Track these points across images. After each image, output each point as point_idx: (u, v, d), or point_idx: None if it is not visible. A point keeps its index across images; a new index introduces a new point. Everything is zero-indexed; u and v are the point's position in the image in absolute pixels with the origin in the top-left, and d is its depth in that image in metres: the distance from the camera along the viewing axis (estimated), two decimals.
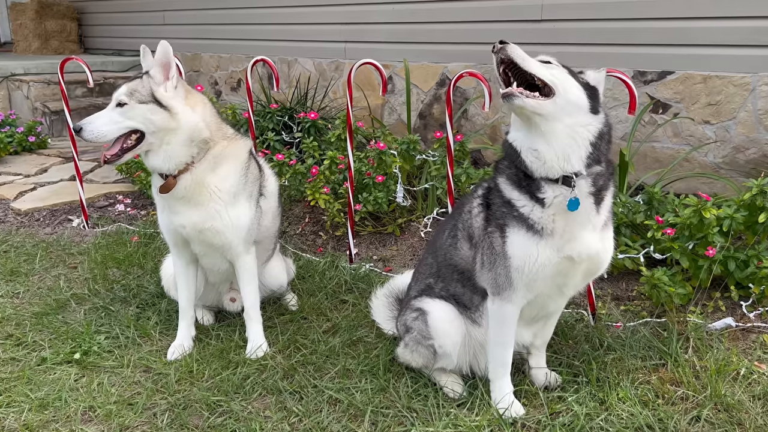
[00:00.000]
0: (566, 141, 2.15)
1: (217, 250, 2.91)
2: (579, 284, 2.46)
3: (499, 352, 2.45)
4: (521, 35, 5.23)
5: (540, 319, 2.55)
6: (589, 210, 2.22)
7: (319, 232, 4.32)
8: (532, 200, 2.24)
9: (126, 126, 2.66)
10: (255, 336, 2.99)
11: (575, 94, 2.17)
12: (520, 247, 2.27)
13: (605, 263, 2.37)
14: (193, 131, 2.71)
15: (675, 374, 2.59)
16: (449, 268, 2.61)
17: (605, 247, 2.33)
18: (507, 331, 2.41)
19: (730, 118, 4.24)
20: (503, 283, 2.34)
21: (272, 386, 2.67)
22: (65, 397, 2.64)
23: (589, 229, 2.25)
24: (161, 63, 2.69)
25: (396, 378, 2.69)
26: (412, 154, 4.21)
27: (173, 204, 2.78)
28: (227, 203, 2.80)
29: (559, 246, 2.24)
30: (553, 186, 2.19)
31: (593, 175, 2.19)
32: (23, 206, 4.91)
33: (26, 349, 3.03)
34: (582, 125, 2.17)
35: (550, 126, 2.14)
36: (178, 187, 2.72)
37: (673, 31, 4.40)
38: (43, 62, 8.03)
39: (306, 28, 6.91)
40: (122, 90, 2.68)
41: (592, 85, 2.27)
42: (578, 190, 2.17)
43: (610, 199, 2.30)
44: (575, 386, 2.57)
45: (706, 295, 3.14)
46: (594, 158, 2.18)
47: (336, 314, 3.29)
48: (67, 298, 3.52)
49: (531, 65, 2.14)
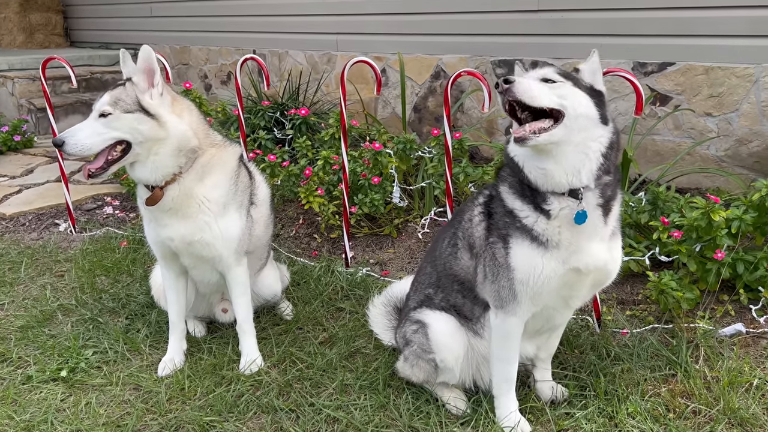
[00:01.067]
0: (577, 157, 2.05)
1: (207, 263, 2.79)
2: (586, 296, 2.35)
3: (502, 368, 2.34)
4: (517, 26, 5.11)
5: (545, 332, 2.45)
6: (596, 221, 2.11)
7: (314, 234, 4.20)
8: (536, 211, 2.13)
9: (111, 137, 2.52)
10: (249, 350, 2.88)
11: (584, 110, 2.05)
12: (524, 258, 2.16)
13: (613, 274, 2.27)
14: (181, 140, 2.58)
15: (686, 386, 2.50)
16: (449, 278, 2.50)
17: (613, 257, 2.23)
18: (511, 345, 2.31)
19: (732, 110, 4.14)
20: (506, 296, 2.23)
21: (267, 405, 2.57)
22: (51, 419, 2.53)
23: (596, 240, 2.15)
24: (144, 69, 2.55)
25: (396, 394, 2.59)
26: (408, 153, 4.09)
27: (160, 216, 2.66)
28: (216, 214, 2.68)
29: (565, 258, 2.13)
30: (559, 198, 2.08)
31: (602, 186, 2.09)
32: (8, 211, 4.77)
33: (11, 366, 2.92)
34: (593, 139, 2.06)
35: (560, 148, 2.04)
36: (165, 198, 2.59)
37: (674, 21, 4.29)
38: (28, 57, 7.85)
39: (297, 20, 6.75)
40: (104, 99, 2.53)
41: (597, 90, 2.16)
42: (586, 202, 2.07)
43: (618, 207, 2.20)
44: (583, 400, 2.47)
45: (714, 298, 3.04)
46: (604, 169, 2.08)
47: (332, 323, 3.18)
48: (54, 310, 3.40)
49: (541, 100, 2.01)
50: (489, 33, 5.32)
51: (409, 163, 4.18)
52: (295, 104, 5.46)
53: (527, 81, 2.02)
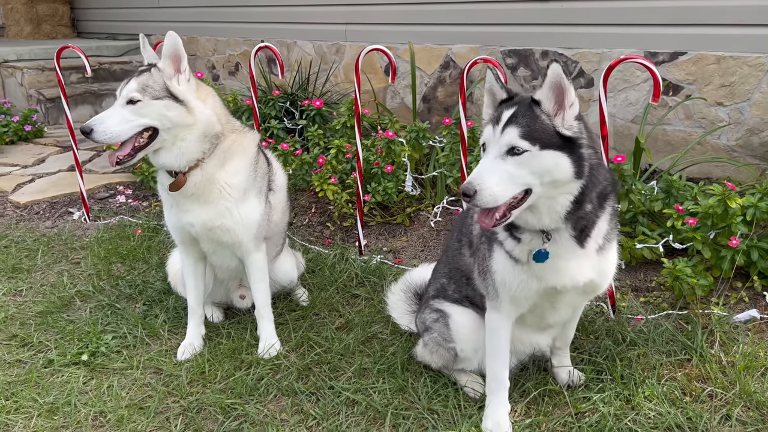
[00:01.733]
0: (547, 211, 2.01)
1: (227, 248, 2.82)
2: (578, 303, 2.36)
3: (492, 363, 2.33)
4: (529, 16, 5.10)
5: (553, 326, 2.46)
6: (571, 248, 2.09)
7: (327, 222, 4.22)
8: (508, 233, 2.15)
9: (140, 124, 2.52)
10: (267, 335, 2.91)
11: (555, 176, 1.94)
12: (500, 266, 2.20)
13: (601, 288, 2.24)
14: (207, 126, 2.60)
15: (702, 370, 2.53)
16: (457, 271, 2.56)
17: (602, 271, 2.18)
18: (498, 341, 2.30)
19: (744, 100, 4.14)
20: (492, 293, 2.27)
21: (287, 387, 2.60)
22: (75, 402, 2.57)
23: (574, 260, 2.11)
24: (171, 55, 2.56)
25: (414, 377, 2.62)
26: (421, 142, 4.11)
27: (182, 202, 2.68)
28: (237, 200, 2.70)
29: (540, 275, 2.13)
30: (531, 232, 2.08)
31: (575, 220, 2.04)
32: (22, 199, 4.80)
33: (32, 351, 2.95)
34: (565, 192, 1.99)
35: (533, 206, 2.00)
36: (188, 184, 2.62)
37: (686, 10, 4.28)
38: (37, 48, 7.86)
39: (305, 10, 6.75)
40: (132, 86, 2.52)
41: (568, 136, 1.96)
42: (557, 235, 2.05)
43: (605, 225, 2.13)
44: (599, 384, 2.50)
45: (727, 285, 3.07)
46: (577, 208, 2.02)
47: (348, 309, 3.21)
48: (72, 296, 3.43)
49: (506, 196, 1.91)
50: (500, 22, 5.32)
51: (422, 151, 4.20)
52: (305, 94, 5.47)
53: (488, 186, 1.89)
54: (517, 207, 1.96)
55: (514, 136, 1.92)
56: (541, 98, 1.96)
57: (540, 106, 1.96)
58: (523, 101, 2.00)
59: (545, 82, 1.94)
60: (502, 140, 1.94)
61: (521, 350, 2.51)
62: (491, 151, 1.95)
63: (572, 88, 1.94)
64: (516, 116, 1.95)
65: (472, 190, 1.89)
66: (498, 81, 2.08)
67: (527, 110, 1.96)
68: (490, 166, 1.93)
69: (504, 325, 2.29)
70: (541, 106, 1.96)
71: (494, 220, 1.96)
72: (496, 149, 1.94)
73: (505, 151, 1.93)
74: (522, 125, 1.93)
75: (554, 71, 1.92)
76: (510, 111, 1.97)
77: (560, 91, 1.94)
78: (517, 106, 1.98)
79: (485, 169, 1.93)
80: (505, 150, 1.93)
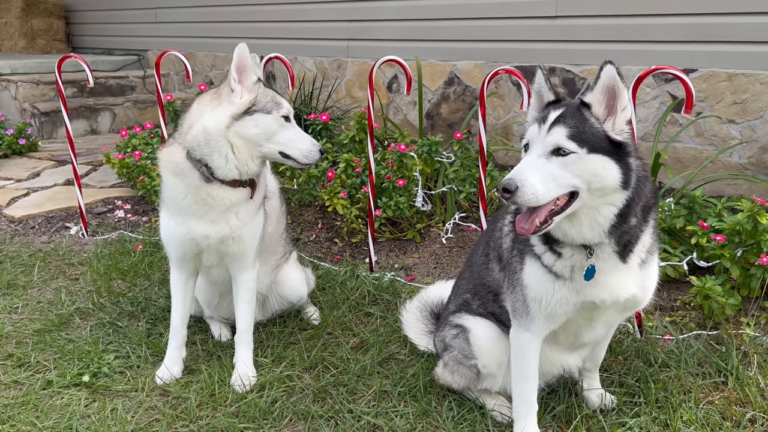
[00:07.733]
0: (589, 223, 1.91)
1: (230, 259, 2.68)
2: (615, 320, 2.25)
3: (520, 387, 2.20)
4: (535, 32, 5.06)
5: (586, 346, 2.34)
6: (613, 264, 1.99)
7: (334, 238, 4.10)
8: (547, 247, 2.04)
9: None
10: (244, 363, 2.70)
11: (603, 182, 1.84)
12: (535, 280, 2.08)
13: (642, 303, 2.14)
14: None
15: (740, 393, 2.41)
16: (483, 287, 2.43)
17: (644, 286, 2.08)
18: (527, 362, 2.17)
19: (756, 117, 4.09)
20: (521, 309, 2.14)
21: (303, 411, 2.46)
22: (76, 426, 2.41)
23: (616, 275, 2.00)
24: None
25: (437, 401, 2.49)
26: (433, 156, 4.01)
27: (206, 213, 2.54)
28: (258, 208, 2.61)
29: (579, 289, 2.02)
30: (572, 246, 1.97)
31: (618, 235, 1.94)
32: (17, 213, 4.64)
33: (29, 371, 2.79)
34: (610, 203, 1.89)
35: (574, 216, 1.91)
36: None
37: (696, 27, 4.25)
38: (31, 62, 7.74)
39: (307, 26, 6.69)
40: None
41: (618, 141, 1.87)
42: (600, 251, 1.95)
43: (648, 239, 2.03)
44: (633, 408, 2.38)
45: (756, 305, 2.97)
46: (621, 221, 1.92)
47: (362, 329, 3.08)
48: (71, 313, 3.27)
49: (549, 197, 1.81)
50: (505, 39, 5.27)
51: (433, 166, 4.10)
52: (308, 109, 5.38)
53: (530, 183, 1.80)
54: (560, 213, 1.86)
55: (561, 136, 1.82)
56: (592, 101, 1.87)
57: (590, 109, 1.87)
58: (571, 103, 1.91)
59: (597, 84, 1.85)
60: (547, 139, 1.84)
61: (549, 371, 2.38)
62: (534, 150, 1.86)
63: (626, 91, 1.85)
64: (564, 116, 1.85)
65: (514, 185, 1.79)
66: (547, 82, 1.99)
67: (576, 112, 1.87)
68: (533, 163, 1.83)
69: (533, 344, 2.16)
70: (591, 109, 1.87)
71: (534, 225, 1.85)
72: (541, 148, 1.85)
73: (550, 150, 1.84)
74: (570, 126, 1.83)
75: (608, 73, 1.83)
76: (558, 111, 1.88)
77: (612, 94, 1.85)
78: (565, 107, 1.89)
79: (528, 165, 1.83)
80: (550, 150, 1.84)
